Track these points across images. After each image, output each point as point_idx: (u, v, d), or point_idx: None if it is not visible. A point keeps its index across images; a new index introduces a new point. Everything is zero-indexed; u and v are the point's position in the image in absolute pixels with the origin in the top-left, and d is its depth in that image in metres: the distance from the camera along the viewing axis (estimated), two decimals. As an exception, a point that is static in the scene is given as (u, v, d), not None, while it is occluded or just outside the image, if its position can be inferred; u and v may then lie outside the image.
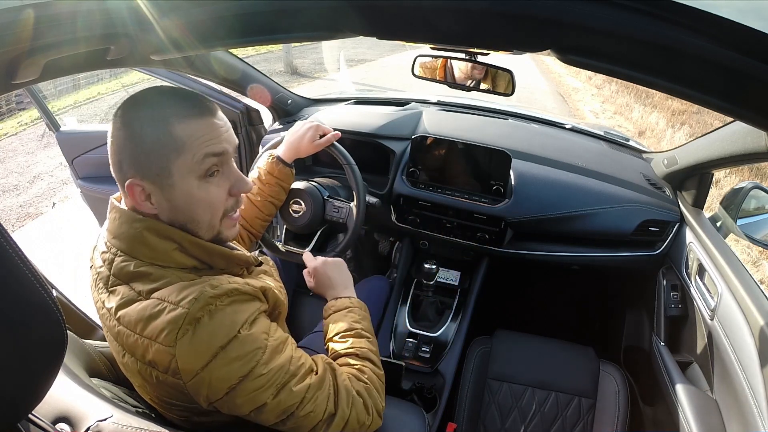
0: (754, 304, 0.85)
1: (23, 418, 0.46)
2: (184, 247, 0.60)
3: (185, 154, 0.58)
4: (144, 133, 0.57)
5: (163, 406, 0.64)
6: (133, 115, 0.58)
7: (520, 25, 0.47)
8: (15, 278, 0.39)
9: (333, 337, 0.78)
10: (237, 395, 0.57)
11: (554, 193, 1.20)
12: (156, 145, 0.57)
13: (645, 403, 1.26)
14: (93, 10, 0.48)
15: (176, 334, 0.53)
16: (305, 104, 1.68)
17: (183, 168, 0.59)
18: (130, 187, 0.58)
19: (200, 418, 0.64)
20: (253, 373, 0.57)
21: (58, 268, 2.33)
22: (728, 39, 0.37)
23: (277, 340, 0.61)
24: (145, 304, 0.56)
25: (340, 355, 0.75)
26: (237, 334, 0.56)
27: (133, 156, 0.58)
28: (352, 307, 0.82)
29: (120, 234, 0.60)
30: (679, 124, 5.48)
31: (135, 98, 0.59)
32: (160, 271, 0.58)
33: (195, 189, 0.60)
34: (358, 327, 0.79)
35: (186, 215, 0.61)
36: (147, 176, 0.58)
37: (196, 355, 0.54)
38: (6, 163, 4.26)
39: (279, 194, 1.06)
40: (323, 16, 0.55)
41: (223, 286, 0.57)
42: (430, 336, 1.25)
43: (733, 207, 1.06)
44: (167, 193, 0.59)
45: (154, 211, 0.61)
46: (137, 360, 0.57)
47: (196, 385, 0.55)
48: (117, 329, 0.57)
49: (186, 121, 0.58)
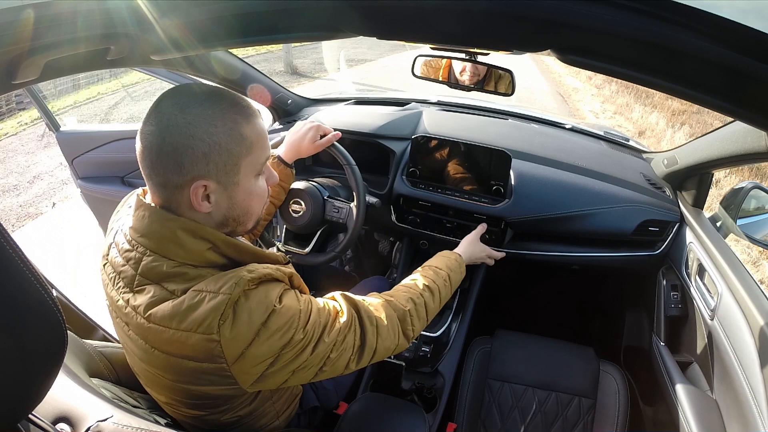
0: (754, 304, 0.85)
1: (23, 418, 0.46)
2: (218, 246, 0.60)
3: (252, 154, 0.61)
4: (216, 132, 0.57)
5: (182, 404, 0.64)
6: (198, 113, 0.56)
7: (520, 25, 0.47)
8: (15, 278, 0.39)
9: (423, 266, 0.93)
10: (278, 363, 0.58)
11: (554, 193, 1.20)
12: (230, 144, 0.58)
13: (645, 403, 1.26)
14: (93, 10, 0.48)
15: (218, 320, 0.54)
16: (305, 104, 1.68)
17: (248, 167, 0.62)
18: (197, 187, 0.58)
19: (216, 415, 0.65)
20: (294, 339, 0.59)
21: (58, 268, 2.33)
22: (728, 39, 0.37)
23: (305, 302, 0.64)
24: (181, 298, 0.56)
25: (410, 279, 0.87)
26: (274, 308, 0.58)
27: (202, 155, 0.57)
28: (460, 261, 0.98)
29: (150, 233, 0.59)
30: (679, 124, 5.48)
31: (188, 98, 0.58)
32: (195, 271, 0.58)
33: (253, 186, 0.64)
34: (447, 271, 0.92)
35: (242, 209, 0.64)
36: (215, 175, 0.58)
37: (240, 336, 0.55)
38: (6, 163, 4.26)
39: (279, 194, 1.07)
40: (323, 16, 0.55)
41: (259, 270, 0.59)
42: (430, 336, 1.25)
43: (733, 207, 1.06)
44: (231, 190, 0.61)
45: (209, 210, 0.60)
46: (170, 356, 0.57)
47: (240, 366, 0.56)
48: (147, 327, 0.57)
49: (251, 122, 0.61)
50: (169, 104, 0.57)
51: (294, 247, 1.17)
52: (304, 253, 1.16)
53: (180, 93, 0.58)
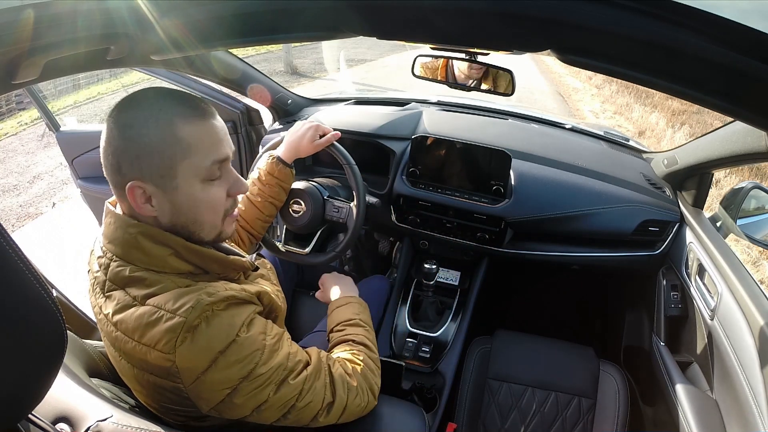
0: (754, 304, 0.85)
1: (23, 418, 0.46)
2: (180, 252, 0.60)
3: (191, 157, 0.58)
4: (148, 134, 0.56)
5: (160, 410, 0.64)
6: (134, 115, 0.57)
7: (520, 25, 0.47)
8: (15, 278, 0.39)
9: (333, 327, 0.86)
10: (237, 395, 0.57)
11: (554, 193, 1.20)
12: (161, 146, 0.57)
13: (645, 403, 1.26)
14: (93, 10, 0.48)
15: (175, 342, 0.53)
16: (305, 104, 1.67)
17: (188, 170, 0.59)
18: (131, 189, 0.57)
19: (197, 422, 0.64)
20: (253, 373, 0.57)
21: (58, 268, 2.33)
22: (728, 39, 0.37)
23: (274, 338, 0.62)
24: (142, 310, 0.55)
25: (339, 342, 0.81)
26: (235, 338, 0.56)
27: (135, 157, 0.57)
28: (352, 302, 0.92)
29: (115, 239, 0.59)
30: (679, 124, 5.48)
31: (132, 99, 0.58)
32: (156, 277, 0.58)
33: (198, 191, 0.60)
34: (356, 318, 0.87)
35: (188, 217, 0.61)
36: (150, 178, 0.57)
37: (196, 361, 0.54)
38: (6, 163, 4.26)
39: (279, 195, 1.06)
40: (323, 16, 0.55)
41: (220, 293, 0.57)
42: (430, 336, 1.25)
43: (733, 207, 1.06)
44: (170, 195, 0.59)
45: (154, 214, 0.60)
46: (134, 366, 0.57)
47: (196, 389, 0.55)
48: (114, 335, 0.57)
49: (190, 123, 0.58)
50: (117, 108, 0.58)
51: (294, 247, 1.17)
52: (304, 253, 1.16)
53: (130, 97, 0.59)
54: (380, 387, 0.79)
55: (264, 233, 1.09)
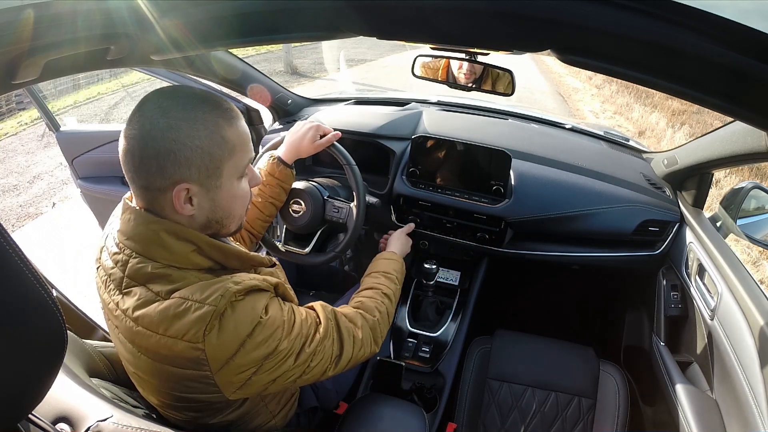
0: (754, 304, 0.85)
1: (23, 418, 0.46)
2: (202, 248, 0.61)
3: (234, 157, 0.61)
4: (198, 136, 0.57)
5: (171, 407, 0.64)
6: (179, 117, 0.56)
7: (520, 25, 0.47)
8: (15, 278, 0.39)
9: (372, 272, 0.97)
10: (261, 372, 0.60)
11: (554, 193, 1.20)
12: (211, 148, 0.58)
13: (645, 403, 1.26)
14: (93, 10, 0.48)
15: (203, 330, 0.54)
16: (305, 104, 1.67)
17: (231, 169, 0.62)
18: (179, 190, 0.58)
19: (205, 419, 0.65)
20: (276, 349, 0.60)
21: (58, 268, 2.33)
22: (728, 39, 0.37)
23: (289, 312, 0.65)
24: (166, 303, 0.56)
25: (370, 287, 0.90)
26: (260, 320, 0.59)
27: (184, 159, 0.57)
28: (397, 260, 1.02)
29: (135, 235, 0.59)
30: (679, 124, 5.48)
31: (168, 101, 0.57)
32: (179, 273, 0.58)
33: (236, 188, 0.64)
34: (394, 274, 0.96)
35: (225, 212, 0.64)
36: (197, 178, 0.59)
37: (225, 346, 0.56)
38: (6, 163, 4.26)
39: (279, 195, 1.06)
40: (323, 16, 0.55)
41: (245, 282, 0.59)
42: (430, 336, 1.25)
43: (733, 207, 1.06)
44: (213, 193, 0.61)
45: (192, 213, 0.60)
46: (156, 361, 0.58)
47: (224, 374, 0.57)
48: (135, 330, 0.57)
49: (233, 125, 0.61)
50: (152, 107, 0.57)
51: (294, 247, 1.17)
52: (304, 253, 1.16)
53: (163, 95, 0.58)
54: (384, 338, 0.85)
55: (264, 233, 1.09)
